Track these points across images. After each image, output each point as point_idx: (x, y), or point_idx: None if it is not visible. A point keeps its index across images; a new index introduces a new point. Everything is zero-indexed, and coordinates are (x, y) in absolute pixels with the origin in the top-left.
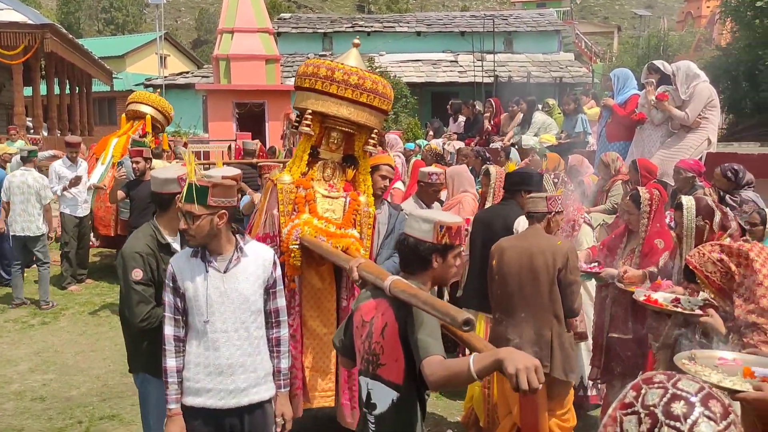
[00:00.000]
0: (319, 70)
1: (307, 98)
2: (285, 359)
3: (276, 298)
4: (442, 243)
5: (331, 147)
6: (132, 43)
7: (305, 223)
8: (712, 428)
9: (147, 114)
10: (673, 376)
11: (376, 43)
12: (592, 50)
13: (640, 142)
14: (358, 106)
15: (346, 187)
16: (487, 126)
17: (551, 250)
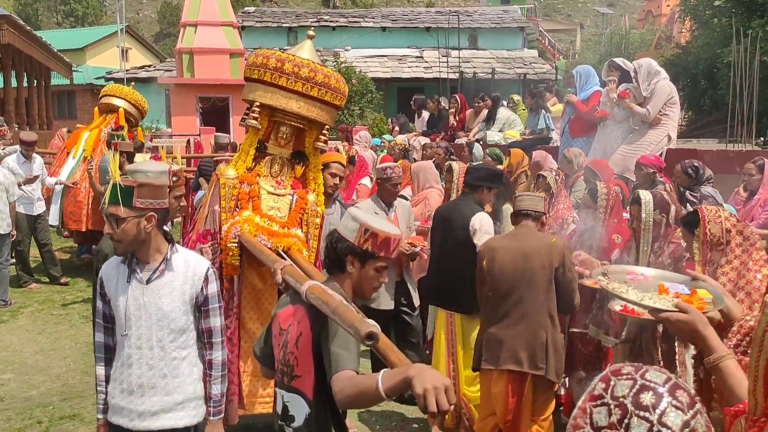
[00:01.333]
0: (268, 60)
1: (255, 90)
2: (218, 384)
3: (209, 317)
4: (362, 247)
5: (279, 142)
6: (92, 36)
7: (246, 220)
8: (680, 417)
9: (120, 107)
10: (641, 367)
11: (342, 38)
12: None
13: (602, 138)
14: (308, 100)
15: (294, 185)
16: (453, 122)
17: (547, 249)
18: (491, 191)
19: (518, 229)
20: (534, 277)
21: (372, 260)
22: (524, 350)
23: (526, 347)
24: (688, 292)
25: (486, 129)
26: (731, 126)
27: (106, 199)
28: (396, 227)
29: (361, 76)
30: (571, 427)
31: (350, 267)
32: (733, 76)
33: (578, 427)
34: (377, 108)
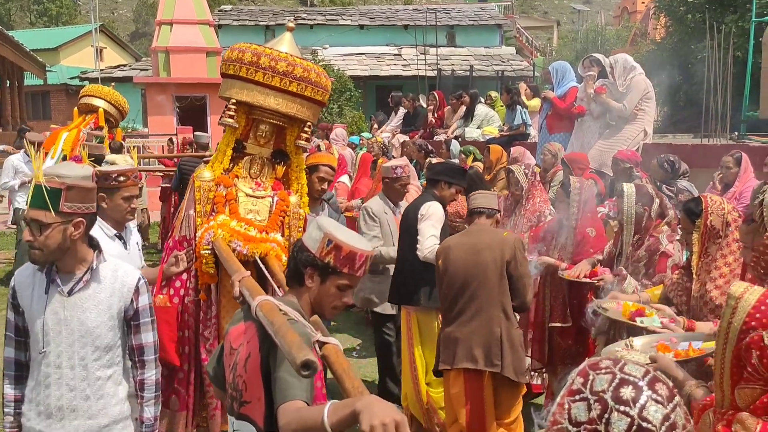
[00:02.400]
0: (243, 55)
1: (231, 86)
2: (150, 407)
3: (140, 332)
4: (323, 260)
5: (259, 141)
6: (66, 36)
7: (220, 225)
8: (660, 411)
9: (100, 108)
10: (619, 361)
11: (320, 36)
12: (533, 44)
13: (580, 133)
14: (287, 96)
15: (275, 186)
16: (431, 119)
17: (498, 243)
18: (451, 187)
19: (471, 227)
20: (486, 272)
21: (334, 276)
22: (479, 347)
23: (481, 344)
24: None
25: (464, 126)
26: (706, 121)
27: (27, 202)
28: (368, 245)
29: (339, 74)
30: (550, 423)
31: (309, 281)
32: (707, 72)
33: (557, 423)
34: (356, 106)
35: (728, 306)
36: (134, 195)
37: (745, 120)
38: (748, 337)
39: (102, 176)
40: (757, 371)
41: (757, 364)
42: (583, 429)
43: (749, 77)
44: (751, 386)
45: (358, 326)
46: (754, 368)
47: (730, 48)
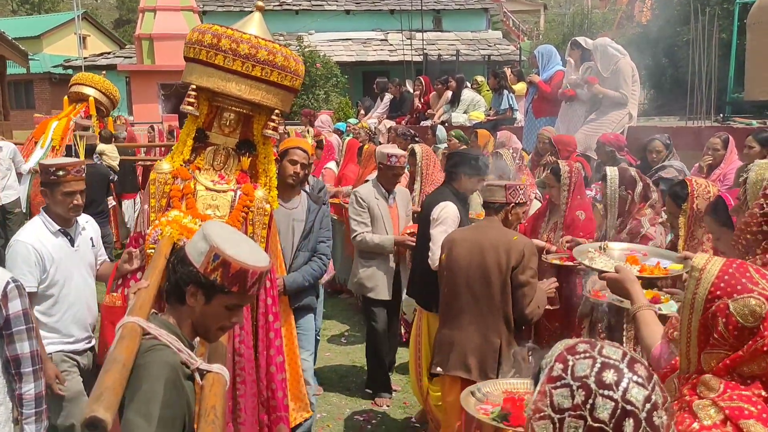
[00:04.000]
0: (204, 36)
1: (192, 71)
2: (32, 425)
3: (13, 342)
4: (208, 277)
5: (223, 130)
6: (49, 23)
7: (170, 222)
8: (642, 393)
9: (90, 96)
10: (595, 344)
11: (305, 21)
12: (520, 28)
13: (565, 117)
14: (251, 81)
15: (240, 179)
16: (417, 104)
17: (505, 245)
18: (471, 178)
19: (482, 222)
20: (489, 276)
21: (220, 295)
22: (474, 356)
23: (476, 352)
24: (664, 266)
25: (451, 111)
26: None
27: None
28: (265, 259)
29: (325, 60)
30: (532, 411)
31: (191, 299)
32: (692, 54)
33: (539, 411)
34: (342, 92)
35: (692, 278)
36: (77, 190)
37: (730, 102)
38: (714, 306)
39: (42, 170)
40: (723, 337)
41: (723, 330)
42: (567, 415)
43: (734, 59)
44: (717, 351)
45: (347, 312)
46: (720, 335)
47: (715, 30)
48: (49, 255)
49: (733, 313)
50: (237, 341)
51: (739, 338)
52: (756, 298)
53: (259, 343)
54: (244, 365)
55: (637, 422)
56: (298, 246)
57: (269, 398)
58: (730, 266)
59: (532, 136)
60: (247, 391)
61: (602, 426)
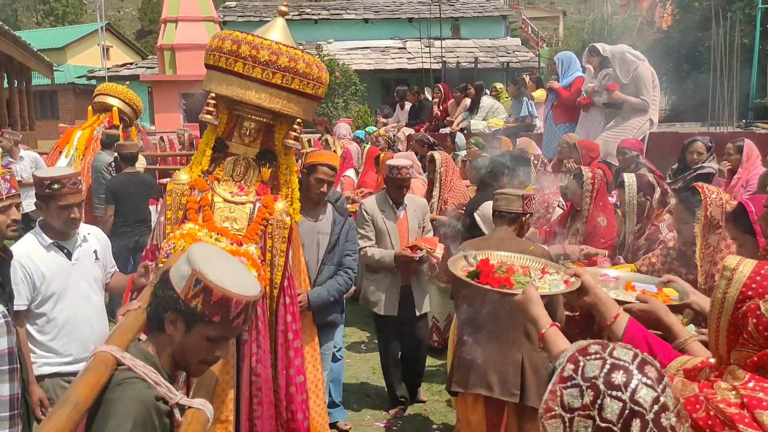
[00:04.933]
0: (223, 43)
1: (211, 79)
2: None
3: None
4: (188, 304)
5: (243, 140)
6: (73, 35)
7: (184, 235)
8: (651, 394)
9: (114, 106)
10: (607, 345)
11: (324, 30)
12: (539, 35)
13: (585, 123)
14: (270, 88)
15: (260, 190)
16: (436, 111)
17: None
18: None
19: (494, 232)
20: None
21: (202, 324)
22: (495, 372)
23: (497, 369)
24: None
25: (470, 118)
26: (713, 109)
27: None
28: (254, 287)
29: (344, 68)
30: (543, 410)
31: (171, 327)
32: (714, 60)
33: (550, 410)
34: (361, 100)
35: (723, 277)
36: (74, 203)
37: (752, 107)
38: (745, 306)
39: (36, 183)
40: (752, 337)
41: (753, 330)
42: (576, 415)
43: (756, 64)
44: (747, 349)
45: (368, 319)
46: (750, 334)
47: (737, 35)
48: (38, 271)
49: (765, 313)
50: (254, 360)
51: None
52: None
53: (279, 362)
54: (261, 386)
55: (644, 423)
56: (323, 260)
57: (289, 420)
58: (762, 267)
59: (552, 143)
60: (264, 413)
61: (610, 426)
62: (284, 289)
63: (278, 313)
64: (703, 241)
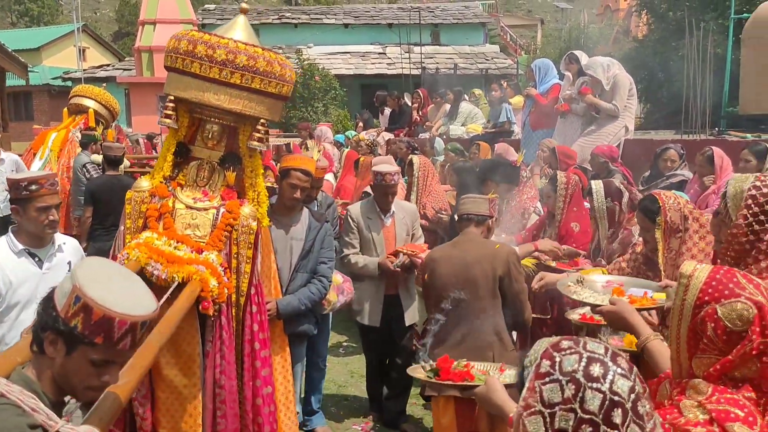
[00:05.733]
0: (179, 43)
1: (170, 82)
2: None
3: None
4: (68, 323)
5: (206, 143)
6: (48, 36)
7: (140, 245)
8: (627, 384)
9: (90, 108)
10: (578, 340)
11: (304, 35)
12: (517, 42)
13: (562, 130)
14: (230, 89)
15: (226, 195)
16: (416, 117)
17: (489, 256)
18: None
19: (460, 237)
20: (476, 290)
21: (83, 347)
22: None
23: None
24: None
25: (449, 123)
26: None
27: None
28: (146, 307)
29: (324, 72)
30: (522, 408)
31: (50, 349)
32: (687, 69)
33: (529, 407)
34: (341, 105)
35: (680, 284)
36: (52, 205)
37: (724, 116)
38: (703, 311)
39: (12, 186)
40: (713, 342)
41: (712, 335)
42: (558, 409)
43: (728, 74)
44: (707, 356)
45: (347, 323)
46: (710, 339)
47: (710, 45)
48: (5, 277)
49: (722, 317)
50: (217, 372)
51: (728, 343)
52: (743, 303)
53: (245, 373)
54: (225, 398)
55: (625, 412)
56: (296, 266)
57: None
58: (717, 272)
59: (530, 149)
60: (228, 426)
61: (593, 417)
62: (251, 297)
63: (244, 322)
64: (665, 245)
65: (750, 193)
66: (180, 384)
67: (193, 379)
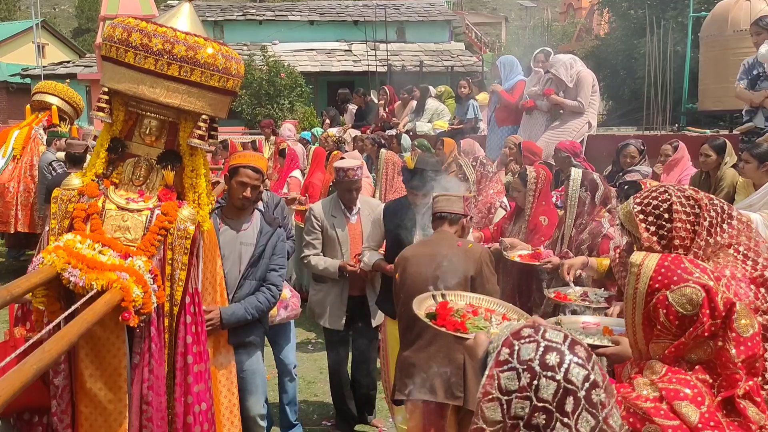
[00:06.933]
0: (114, 31)
1: (105, 71)
2: None
3: None
4: None
5: (144, 139)
6: (6, 32)
7: (58, 248)
8: (582, 372)
9: (53, 105)
10: (539, 328)
11: (269, 32)
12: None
13: (528, 126)
14: (168, 82)
15: (162, 195)
16: (382, 113)
17: (461, 256)
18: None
19: (434, 235)
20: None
21: None
22: (438, 376)
23: (440, 373)
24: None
25: (415, 120)
26: (647, 114)
27: None
28: None
29: (289, 70)
30: (481, 395)
31: None
32: (648, 66)
33: (487, 394)
34: (307, 102)
35: (631, 274)
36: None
37: (684, 112)
38: (654, 298)
39: None
40: (665, 327)
41: (665, 320)
42: (514, 397)
43: (688, 71)
44: (662, 340)
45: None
46: (663, 325)
47: (670, 43)
48: None
49: (672, 303)
50: (145, 387)
51: (680, 327)
52: (692, 287)
53: (176, 388)
54: (152, 415)
55: (577, 400)
56: (245, 273)
57: None
58: (665, 260)
59: (495, 145)
60: None
61: (546, 405)
62: (185, 306)
63: (177, 334)
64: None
65: (636, 209)
66: (104, 399)
67: (119, 393)
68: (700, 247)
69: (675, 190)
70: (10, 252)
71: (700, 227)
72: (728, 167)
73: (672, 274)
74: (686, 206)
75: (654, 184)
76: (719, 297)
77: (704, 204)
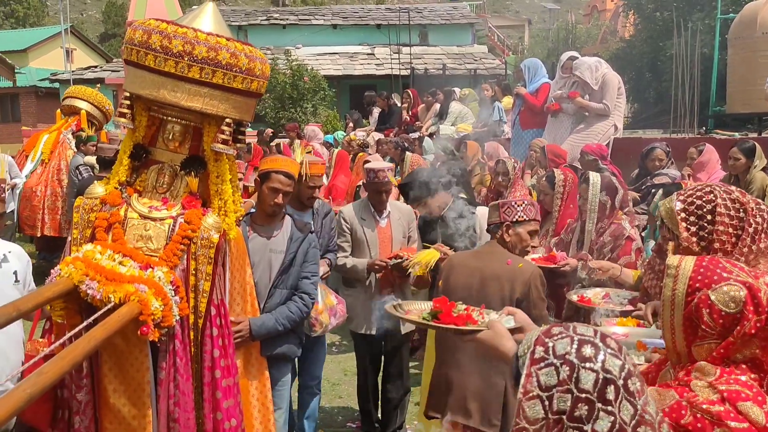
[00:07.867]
0: (135, 33)
1: (128, 76)
2: None
3: None
4: None
5: (168, 145)
6: (35, 37)
7: (77, 259)
8: (617, 362)
9: (82, 110)
10: (568, 325)
11: (293, 36)
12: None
13: (552, 129)
14: (189, 84)
15: (186, 203)
16: (406, 117)
17: (509, 275)
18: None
19: (484, 247)
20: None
21: None
22: (475, 400)
23: (477, 396)
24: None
25: (439, 123)
26: (674, 117)
27: None
28: None
29: (313, 73)
30: (521, 394)
31: None
32: (675, 68)
33: (528, 392)
34: (330, 105)
35: (669, 276)
36: None
37: (712, 115)
38: (695, 298)
39: None
40: (710, 327)
41: (709, 320)
42: (555, 391)
43: (716, 73)
44: (707, 342)
45: None
46: (707, 325)
47: (697, 45)
48: None
49: (715, 302)
50: (171, 403)
51: (725, 326)
52: (732, 285)
53: (205, 404)
54: None
55: (617, 388)
56: (275, 282)
57: None
58: (703, 260)
59: (519, 148)
60: None
61: (588, 395)
62: (211, 318)
63: (203, 347)
64: None
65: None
66: (128, 415)
67: (143, 409)
68: (742, 253)
69: (721, 191)
70: (41, 254)
71: (744, 233)
72: (758, 170)
73: (711, 273)
74: (731, 209)
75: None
76: (762, 293)
77: (750, 208)
